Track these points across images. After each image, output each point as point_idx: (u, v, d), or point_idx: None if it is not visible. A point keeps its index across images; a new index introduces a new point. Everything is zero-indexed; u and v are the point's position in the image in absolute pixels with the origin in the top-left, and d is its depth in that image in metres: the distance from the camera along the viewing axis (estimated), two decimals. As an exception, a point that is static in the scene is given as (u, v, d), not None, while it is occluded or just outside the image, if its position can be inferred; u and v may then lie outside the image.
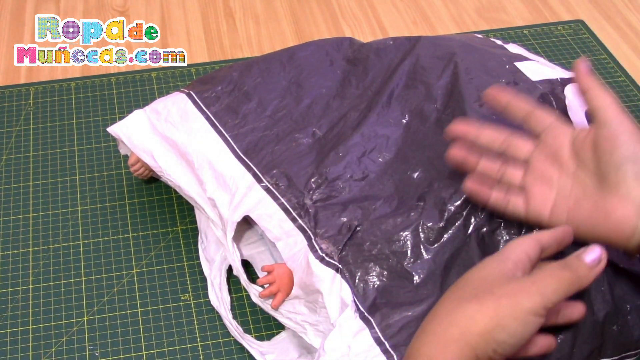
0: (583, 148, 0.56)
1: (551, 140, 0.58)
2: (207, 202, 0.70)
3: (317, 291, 0.62)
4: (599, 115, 0.56)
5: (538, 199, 0.58)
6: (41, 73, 0.98)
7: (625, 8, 1.10)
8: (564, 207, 0.56)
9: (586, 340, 0.60)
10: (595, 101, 0.57)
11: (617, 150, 0.54)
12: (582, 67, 0.59)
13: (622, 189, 0.53)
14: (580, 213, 0.55)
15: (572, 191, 0.56)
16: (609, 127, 0.55)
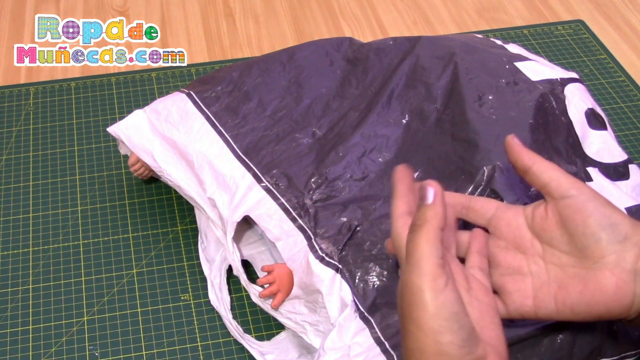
0: (545, 228, 0.53)
1: (503, 229, 0.54)
2: (207, 202, 0.70)
3: (317, 291, 0.62)
4: (553, 189, 0.52)
5: (515, 295, 0.53)
6: (41, 73, 0.98)
7: (625, 8, 1.11)
8: (548, 295, 0.52)
9: (586, 340, 0.60)
10: (544, 175, 0.52)
11: (590, 220, 0.50)
12: (513, 143, 0.54)
13: (608, 259, 0.50)
14: (570, 296, 0.51)
15: (549, 275, 0.52)
16: (571, 198, 0.51)
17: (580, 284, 0.51)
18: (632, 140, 0.89)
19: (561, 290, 0.51)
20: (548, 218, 0.52)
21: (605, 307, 0.50)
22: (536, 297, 0.52)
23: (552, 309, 0.52)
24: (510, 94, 0.69)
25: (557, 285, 0.52)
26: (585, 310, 0.51)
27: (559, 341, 0.60)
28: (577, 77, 0.73)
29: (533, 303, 0.52)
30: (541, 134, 0.66)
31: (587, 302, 0.50)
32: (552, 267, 0.52)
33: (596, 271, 0.50)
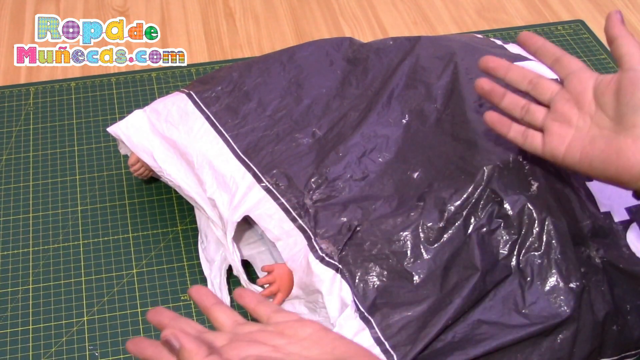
0: (605, 92, 0.58)
1: (575, 83, 0.60)
2: (207, 202, 0.70)
3: (317, 291, 0.62)
4: (625, 60, 0.57)
5: (555, 137, 0.59)
6: (41, 73, 0.98)
7: (625, 8, 1.10)
8: (578, 146, 0.58)
9: (586, 340, 0.60)
10: (623, 48, 0.58)
11: (638, 93, 0.55)
12: (615, 17, 0.59)
13: (636, 130, 0.55)
14: (593, 151, 0.57)
15: (589, 131, 0.58)
16: (635, 72, 0.56)
17: (605, 144, 0.56)
18: (632, 140, 0.89)
19: (589, 144, 0.57)
20: (610, 85, 0.57)
21: (616, 169, 0.56)
22: (569, 145, 0.59)
23: (576, 158, 0.58)
24: (510, 94, 0.69)
25: (589, 140, 0.58)
26: (600, 167, 0.57)
27: (559, 341, 0.60)
28: (577, 76, 0.73)
29: (565, 149, 0.59)
30: (541, 134, 0.66)
31: (604, 159, 0.56)
32: (594, 126, 0.58)
33: (622, 136, 0.56)
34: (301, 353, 0.45)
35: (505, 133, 0.62)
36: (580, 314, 0.60)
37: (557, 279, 0.61)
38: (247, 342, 0.45)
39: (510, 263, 0.62)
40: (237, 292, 0.52)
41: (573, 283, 0.61)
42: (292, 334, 0.47)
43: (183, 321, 0.50)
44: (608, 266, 0.63)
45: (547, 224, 0.62)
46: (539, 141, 0.61)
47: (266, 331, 0.47)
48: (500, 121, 0.63)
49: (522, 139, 0.62)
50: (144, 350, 0.48)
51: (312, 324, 0.47)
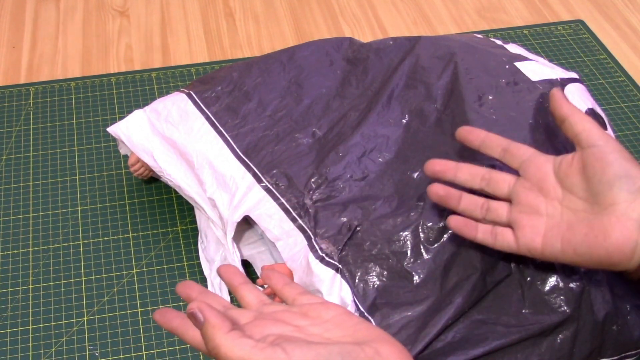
0: (569, 173, 0.56)
1: (533, 171, 0.58)
2: (207, 202, 0.71)
3: (317, 291, 0.62)
4: (583, 138, 0.56)
5: (527, 230, 0.57)
6: (41, 73, 0.98)
7: (625, 8, 1.11)
8: (556, 234, 0.55)
9: (586, 340, 0.60)
10: (578, 126, 0.56)
11: (608, 169, 0.53)
12: (558, 95, 0.58)
13: (618, 207, 0.52)
14: (575, 237, 0.54)
15: (562, 217, 0.56)
16: (596, 147, 0.54)
17: (587, 227, 0.54)
18: (632, 140, 0.89)
19: (569, 231, 0.55)
20: (573, 165, 0.56)
21: (606, 252, 0.53)
22: (545, 236, 0.56)
23: (558, 248, 0.55)
24: (510, 94, 0.69)
25: (566, 227, 0.55)
26: (587, 252, 0.53)
27: (559, 341, 0.60)
28: (577, 77, 0.73)
29: (542, 241, 0.56)
30: (541, 134, 0.66)
31: (589, 244, 0.53)
32: (567, 210, 0.56)
33: (604, 216, 0.53)
34: (323, 334, 0.46)
35: (474, 236, 0.60)
36: (580, 314, 0.61)
37: (557, 279, 0.61)
38: (271, 321, 0.46)
39: (510, 263, 0.62)
40: (265, 272, 0.54)
41: (573, 283, 0.61)
42: (316, 315, 0.48)
43: (210, 296, 0.51)
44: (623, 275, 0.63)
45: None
46: (511, 237, 0.58)
47: (290, 312, 0.48)
48: (466, 225, 0.60)
49: (492, 239, 0.59)
50: (171, 321, 0.49)
51: (336, 307, 0.48)
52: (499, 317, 0.61)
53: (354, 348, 0.43)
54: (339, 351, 0.43)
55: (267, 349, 0.42)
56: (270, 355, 0.42)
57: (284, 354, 0.42)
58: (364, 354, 0.43)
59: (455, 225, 0.60)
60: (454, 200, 0.61)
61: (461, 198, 0.60)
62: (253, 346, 0.42)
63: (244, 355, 0.42)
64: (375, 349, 0.44)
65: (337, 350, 0.43)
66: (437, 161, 0.61)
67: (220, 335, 0.43)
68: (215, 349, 0.43)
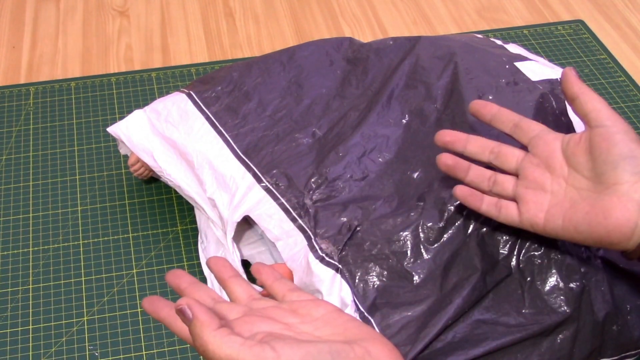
0: (576, 152, 0.56)
1: (541, 147, 0.58)
2: (207, 202, 0.71)
3: (317, 291, 0.62)
4: (592, 117, 0.56)
5: (531, 205, 0.57)
6: (41, 73, 0.98)
7: (625, 8, 1.11)
8: (559, 211, 0.56)
9: (586, 340, 0.60)
10: (588, 105, 0.56)
11: (614, 149, 0.54)
12: (570, 74, 0.58)
13: (620, 187, 0.53)
14: (576, 215, 0.55)
15: (566, 194, 0.56)
16: (604, 127, 0.55)
17: (589, 205, 0.54)
18: (632, 140, 0.89)
19: (571, 208, 0.55)
20: (580, 144, 0.56)
21: (605, 231, 0.53)
22: (548, 212, 0.56)
23: (559, 225, 0.56)
24: (510, 94, 0.69)
25: (569, 204, 0.55)
26: (587, 230, 0.54)
27: (559, 341, 0.60)
28: (577, 77, 0.73)
29: (544, 217, 0.57)
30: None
31: (590, 222, 0.54)
32: (571, 188, 0.56)
33: (606, 196, 0.53)
34: (313, 332, 0.46)
35: (478, 207, 0.60)
36: (580, 314, 0.61)
37: (557, 279, 0.61)
38: (260, 318, 0.46)
39: (510, 263, 0.62)
40: (254, 267, 0.54)
41: (573, 283, 0.61)
42: (306, 313, 0.47)
43: (201, 287, 0.50)
44: (608, 266, 0.63)
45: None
46: (515, 212, 0.59)
47: (280, 308, 0.47)
48: (472, 195, 0.60)
49: (496, 211, 0.59)
50: (160, 311, 0.48)
51: (326, 305, 0.48)
52: (499, 317, 0.61)
53: (343, 347, 0.43)
54: (328, 350, 0.42)
55: (256, 347, 0.42)
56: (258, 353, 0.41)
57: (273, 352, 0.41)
58: (354, 353, 0.43)
59: (461, 194, 0.61)
60: (462, 171, 0.61)
61: (469, 169, 0.61)
62: (241, 344, 0.42)
63: (232, 353, 0.42)
64: (365, 348, 0.44)
65: (326, 349, 0.42)
66: (448, 131, 0.62)
67: (208, 333, 0.42)
68: (203, 347, 0.42)
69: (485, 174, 0.61)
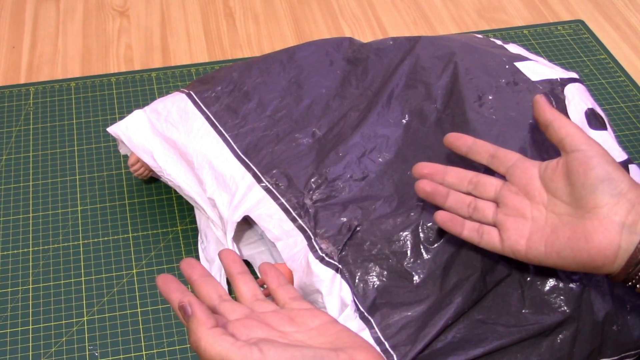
0: (554, 178, 0.56)
1: (518, 176, 0.58)
2: (207, 202, 0.71)
3: (317, 291, 0.62)
4: (567, 142, 0.56)
5: (512, 232, 0.57)
6: (41, 73, 0.98)
7: (625, 8, 1.11)
8: (540, 238, 0.56)
9: (586, 340, 0.60)
10: (561, 131, 0.57)
11: (591, 172, 0.54)
12: (541, 101, 0.59)
13: (600, 210, 0.53)
14: (558, 240, 0.55)
15: (547, 221, 0.56)
16: (580, 151, 0.55)
17: (570, 230, 0.54)
18: (632, 140, 0.89)
19: (552, 234, 0.55)
20: (557, 169, 0.56)
21: (588, 255, 0.53)
22: (530, 239, 0.56)
23: (542, 251, 0.56)
24: (510, 94, 0.69)
25: (550, 230, 0.55)
26: (570, 255, 0.54)
27: (559, 341, 0.60)
28: (577, 77, 0.73)
29: (526, 243, 0.56)
30: (541, 133, 0.66)
31: (572, 247, 0.54)
32: (551, 214, 0.56)
33: (587, 220, 0.53)
34: (306, 341, 0.47)
35: (459, 232, 0.60)
36: (580, 314, 0.61)
37: (557, 279, 0.61)
38: (258, 323, 0.48)
39: (510, 263, 0.62)
40: (262, 267, 0.55)
41: (573, 283, 0.61)
42: (302, 322, 0.49)
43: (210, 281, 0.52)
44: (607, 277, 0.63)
45: (547, 224, 0.62)
46: (496, 238, 0.58)
47: (279, 315, 0.49)
48: (452, 220, 0.60)
49: (478, 237, 0.59)
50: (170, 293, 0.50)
51: (323, 315, 0.49)
52: (499, 317, 0.61)
53: (328, 353, 0.45)
54: (312, 355, 0.44)
55: (244, 347, 0.44)
56: (246, 353, 0.44)
57: (259, 354, 0.43)
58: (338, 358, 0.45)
59: (441, 220, 0.60)
60: (440, 197, 0.61)
61: (448, 195, 0.61)
62: (232, 344, 0.44)
63: (222, 351, 0.44)
64: (350, 355, 0.45)
65: (310, 353, 0.44)
66: (425, 164, 0.62)
67: (202, 330, 0.45)
68: (196, 342, 0.44)
69: (465, 200, 0.61)
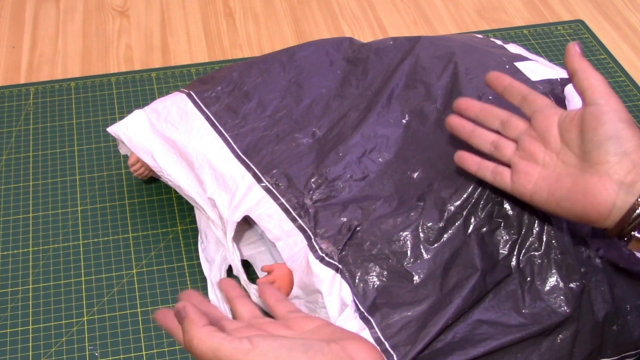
0: (569, 128, 0.57)
1: (541, 120, 0.59)
2: (207, 202, 0.71)
3: (317, 291, 0.62)
4: (587, 95, 0.56)
5: (522, 175, 0.59)
6: (41, 73, 0.98)
7: (625, 8, 1.11)
8: (545, 184, 0.57)
9: (586, 340, 0.60)
10: (585, 82, 0.57)
11: (600, 128, 0.54)
12: (573, 49, 0.59)
13: (602, 167, 0.54)
14: (560, 190, 0.56)
15: (555, 169, 0.57)
16: (596, 105, 0.55)
17: (571, 182, 0.55)
18: (632, 140, 0.89)
19: (556, 183, 0.56)
20: (574, 120, 0.57)
21: (584, 208, 0.54)
22: (536, 184, 0.58)
23: (544, 197, 0.57)
24: (510, 94, 0.69)
25: (555, 178, 0.57)
26: (567, 206, 0.55)
27: (559, 341, 0.60)
28: (577, 77, 0.73)
29: (532, 187, 0.58)
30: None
31: (570, 198, 0.55)
32: (560, 163, 0.57)
33: (587, 174, 0.54)
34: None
35: (475, 169, 0.62)
36: (580, 314, 0.61)
37: (557, 279, 0.61)
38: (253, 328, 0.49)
39: (510, 263, 0.62)
40: (260, 286, 0.56)
41: (573, 283, 0.61)
42: (298, 327, 0.50)
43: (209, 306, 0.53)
44: (608, 266, 0.63)
45: (547, 224, 0.62)
46: (508, 179, 0.60)
47: (276, 323, 0.50)
48: (469, 157, 0.62)
49: (492, 176, 0.61)
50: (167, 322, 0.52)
51: (318, 320, 0.50)
52: (499, 317, 0.61)
53: (318, 343, 0.45)
54: (302, 343, 0.45)
55: (235, 340, 0.45)
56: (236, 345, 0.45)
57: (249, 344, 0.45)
58: (328, 348, 0.45)
59: (460, 155, 0.63)
60: (466, 132, 0.63)
61: (473, 132, 0.63)
62: (223, 338, 0.45)
63: (213, 344, 0.45)
64: (342, 345, 0.46)
65: (300, 342, 0.45)
66: (465, 99, 0.64)
67: (194, 328, 0.46)
68: (189, 341, 0.46)
69: (488, 137, 0.62)
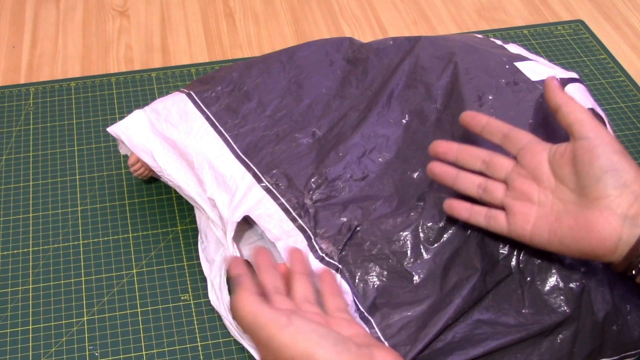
0: (561, 164, 0.56)
1: (528, 159, 0.58)
2: (207, 202, 0.71)
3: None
4: (575, 129, 0.55)
5: (519, 217, 0.57)
6: (41, 73, 0.98)
7: (625, 8, 1.11)
8: (545, 224, 0.56)
9: (586, 340, 0.60)
10: (572, 116, 0.56)
11: (596, 162, 0.53)
12: (552, 83, 0.58)
13: (603, 201, 0.53)
14: (561, 228, 0.55)
15: (552, 207, 0.56)
16: (587, 139, 0.54)
17: (573, 219, 0.54)
18: (632, 140, 0.89)
19: (556, 222, 0.55)
20: (565, 156, 0.56)
21: (589, 244, 0.53)
22: (535, 225, 0.56)
23: (545, 237, 0.56)
24: (510, 94, 0.69)
25: (555, 217, 0.56)
26: (572, 243, 0.54)
27: (559, 341, 0.60)
28: (577, 77, 0.73)
29: (531, 229, 0.57)
30: (541, 133, 0.66)
31: (574, 236, 0.54)
32: (557, 201, 0.56)
33: (589, 210, 0.53)
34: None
35: (466, 217, 0.60)
36: (580, 314, 0.61)
37: (557, 279, 0.61)
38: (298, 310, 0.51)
39: (510, 263, 0.62)
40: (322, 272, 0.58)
41: (573, 283, 0.61)
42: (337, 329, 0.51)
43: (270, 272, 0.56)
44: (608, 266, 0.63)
45: (547, 224, 0.62)
46: (503, 222, 0.59)
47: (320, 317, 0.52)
48: (459, 205, 0.61)
49: (485, 221, 0.59)
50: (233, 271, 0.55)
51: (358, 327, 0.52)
52: (499, 317, 0.61)
53: (349, 341, 0.47)
54: (334, 336, 0.47)
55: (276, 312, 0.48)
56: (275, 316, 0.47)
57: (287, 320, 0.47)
58: (356, 348, 0.46)
59: (449, 205, 0.61)
60: (450, 178, 0.61)
61: (457, 176, 0.61)
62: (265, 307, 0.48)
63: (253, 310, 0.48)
64: (370, 350, 0.47)
65: (333, 335, 0.47)
66: (440, 142, 0.62)
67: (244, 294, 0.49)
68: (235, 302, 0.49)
69: (474, 180, 0.61)
